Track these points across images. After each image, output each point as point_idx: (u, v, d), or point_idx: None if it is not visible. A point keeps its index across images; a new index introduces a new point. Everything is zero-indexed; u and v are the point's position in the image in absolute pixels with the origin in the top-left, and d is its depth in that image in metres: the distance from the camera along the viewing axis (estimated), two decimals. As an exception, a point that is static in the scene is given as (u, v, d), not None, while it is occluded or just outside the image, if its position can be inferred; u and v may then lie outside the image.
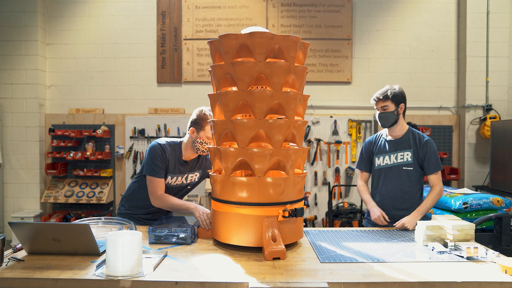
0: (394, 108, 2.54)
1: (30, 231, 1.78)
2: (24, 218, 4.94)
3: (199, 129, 2.34)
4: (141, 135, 5.22)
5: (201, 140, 2.34)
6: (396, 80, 5.29)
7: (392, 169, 2.58)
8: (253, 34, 1.89)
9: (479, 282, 1.54)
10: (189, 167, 2.47)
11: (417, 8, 5.29)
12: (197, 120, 2.34)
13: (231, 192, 1.92)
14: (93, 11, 5.31)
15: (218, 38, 1.97)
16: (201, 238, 2.13)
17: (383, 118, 2.55)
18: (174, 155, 2.38)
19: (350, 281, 1.53)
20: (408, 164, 2.55)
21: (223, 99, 1.96)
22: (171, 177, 2.40)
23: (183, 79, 5.29)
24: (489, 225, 2.71)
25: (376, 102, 2.57)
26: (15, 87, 5.16)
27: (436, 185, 2.50)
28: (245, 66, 1.91)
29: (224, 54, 1.97)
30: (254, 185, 1.88)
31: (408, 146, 2.56)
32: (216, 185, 2.01)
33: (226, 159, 1.94)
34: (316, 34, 5.26)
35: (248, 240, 1.89)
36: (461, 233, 2.00)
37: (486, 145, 5.08)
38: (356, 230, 2.34)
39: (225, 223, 1.94)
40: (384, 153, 2.61)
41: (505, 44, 5.11)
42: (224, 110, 1.97)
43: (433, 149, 2.52)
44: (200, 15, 5.28)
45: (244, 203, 1.89)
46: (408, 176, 2.54)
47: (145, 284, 1.53)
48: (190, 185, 2.55)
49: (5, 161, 5.20)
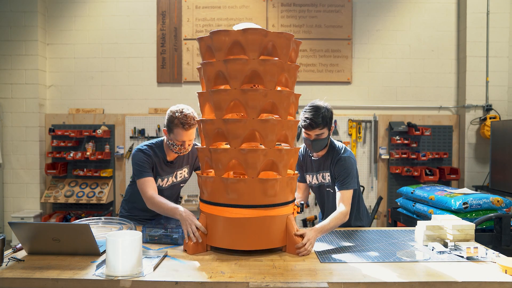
0: (328, 133, 2.28)
1: (30, 231, 1.78)
2: (24, 218, 4.93)
3: (169, 131, 2.24)
4: (141, 135, 5.22)
5: (172, 142, 2.25)
6: (396, 80, 5.29)
7: (320, 188, 2.47)
8: (246, 30, 1.83)
9: (479, 282, 1.54)
10: (176, 165, 2.41)
11: (417, 8, 5.29)
12: (167, 122, 2.24)
13: (223, 194, 1.86)
14: (93, 11, 5.30)
15: (209, 35, 1.90)
16: (191, 254, 1.86)
17: (317, 145, 2.27)
18: (158, 157, 2.33)
19: (350, 281, 1.53)
20: (329, 185, 2.39)
21: (214, 98, 1.89)
22: (161, 179, 2.36)
23: (183, 79, 5.29)
24: (489, 225, 2.71)
25: (310, 129, 2.21)
26: (15, 87, 5.16)
27: (344, 203, 2.20)
28: (239, 63, 1.83)
29: (215, 52, 1.90)
30: (248, 186, 1.82)
31: (327, 166, 2.36)
32: (207, 187, 1.94)
33: (218, 160, 1.88)
34: (316, 34, 5.26)
35: (235, 243, 1.85)
36: (461, 233, 2.00)
37: (486, 145, 5.08)
38: (356, 230, 2.34)
39: (215, 226, 1.89)
40: (312, 171, 2.46)
41: (505, 44, 5.11)
42: (215, 109, 1.91)
43: (344, 167, 2.26)
44: (200, 15, 5.28)
45: (235, 205, 1.84)
46: (333, 197, 2.36)
47: (145, 284, 1.53)
48: (182, 182, 2.51)
49: (5, 161, 5.20)
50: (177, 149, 2.26)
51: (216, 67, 1.90)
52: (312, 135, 2.24)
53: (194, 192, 5.18)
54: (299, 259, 1.82)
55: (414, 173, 5.01)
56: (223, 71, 1.88)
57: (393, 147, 5.19)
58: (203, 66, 1.96)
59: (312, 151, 2.34)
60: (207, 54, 1.98)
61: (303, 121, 2.23)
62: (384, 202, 5.21)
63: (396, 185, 5.13)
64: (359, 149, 5.21)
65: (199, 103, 2.06)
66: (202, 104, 2.04)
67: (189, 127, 2.19)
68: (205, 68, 1.95)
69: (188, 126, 2.18)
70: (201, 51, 2.01)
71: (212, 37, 1.89)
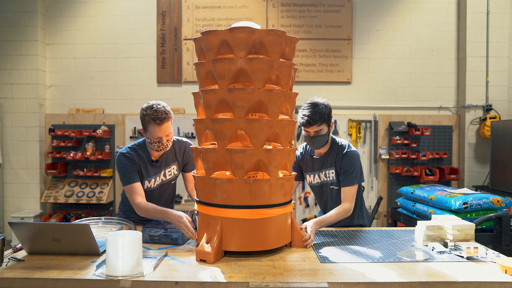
0: (327, 129, 2.27)
1: (30, 231, 1.78)
2: (24, 218, 4.94)
3: (145, 130, 2.21)
4: (141, 135, 5.22)
5: (150, 140, 2.21)
6: (396, 80, 5.29)
7: (322, 187, 2.45)
8: (233, 29, 1.81)
9: (479, 282, 1.54)
10: (162, 163, 2.36)
11: (417, 8, 5.29)
12: (141, 121, 2.22)
13: (211, 194, 1.85)
14: (93, 11, 5.30)
15: (201, 35, 1.89)
16: (212, 263, 1.75)
17: (317, 142, 2.27)
18: (142, 159, 2.29)
19: (350, 281, 1.53)
20: (333, 182, 2.38)
21: (204, 97, 1.89)
22: (148, 181, 2.32)
23: (183, 79, 5.29)
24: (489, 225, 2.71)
25: (308, 126, 2.23)
26: (15, 87, 5.16)
27: (345, 201, 2.25)
28: (225, 62, 1.82)
29: (206, 52, 1.90)
30: (234, 186, 1.80)
31: (331, 163, 2.35)
32: (197, 186, 1.95)
33: (207, 159, 1.87)
34: (316, 34, 5.26)
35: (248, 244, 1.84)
36: (461, 233, 2.00)
37: (486, 145, 5.08)
38: (356, 230, 2.34)
39: (231, 230, 1.85)
40: (313, 171, 2.45)
41: (505, 44, 5.11)
42: (206, 108, 1.90)
43: (350, 161, 2.27)
44: (200, 15, 5.28)
45: (224, 205, 1.83)
46: (337, 194, 2.36)
47: (145, 284, 1.53)
48: (173, 180, 2.45)
49: (5, 161, 5.20)
50: (156, 146, 2.21)
51: (206, 67, 1.91)
52: (311, 132, 2.24)
53: (194, 192, 5.19)
54: (299, 259, 1.82)
55: (414, 173, 5.01)
56: (212, 71, 1.88)
57: (393, 147, 5.19)
58: (196, 66, 1.98)
59: (313, 148, 2.34)
60: (201, 54, 1.98)
61: (301, 118, 2.24)
62: (384, 202, 5.21)
63: (396, 185, 5.13)
64: (359, 149, 5.20)
65: (194, 102, 2.06)
66: (196, 104, 2.04)
67: (161, 121, 2.13)
68: (197, 68, 1.98)
69: (159, 121, 2.12)
70: (196, 52, 2.01)
71: (202, 37, 1.89)
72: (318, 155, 2.42)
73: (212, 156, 1.85)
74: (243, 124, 1.81)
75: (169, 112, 2.19)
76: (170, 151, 2.38)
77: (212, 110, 1.88)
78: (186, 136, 5.20)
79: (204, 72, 1.94)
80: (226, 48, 1.87)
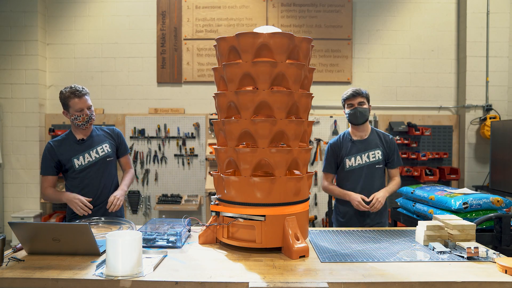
0: (368, 106, 2.66)
1: (30, 231, 1.78)
2: (24, 218, 4.94)
3: (67, 108, 2.48)
4: (141, 135, 5.22)
5: (74, 116, 2.46)
6: (396, 80, 5.29)
7: (364, 169, 2.68)
8: (239, 35, 1.88)
9: (479, 282, 1.54)
10: (91, 142, 2.58)
11: (417, 8, 5.29)
12: (62, 102, 2.48)
13: (222, 191, 2.00)
14: (93, 11, 5.31)
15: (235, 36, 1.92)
16: (201, 244, 2.04)
17: (361, 114, 2.62)
18: (66, 142, 2.54)
19: (350, 281, 1.53)
20: (379, 162, 2.69)
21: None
22: (77, 159, 2.53)
23: (183, 79, 5.29)
24: (489, 225, 2.71)
25: (352, 98, 2.63)
26: (15, 87, 5.16)
27: (397, 176, 2.77)
28: (232, 67, 1.92)
29: (242, 53, 1.93)
30: (240, 185, 1.90)
31: (376, 145, 2.69)
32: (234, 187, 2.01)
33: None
34: (316, 34, 5.26)
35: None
36: (462, 233, 2.00)
37: (486, 145, 5.08)
38: (356, 230, 2.34)
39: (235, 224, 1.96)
40: (355, 153, 2.69)
41: (505, 44, 5.11)
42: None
43: (396, 146, 2.75)
44: (200, 15, 5.28)
45: (234, 202, 1.93)
46: (379, 173, 2.70)
47: (145, 284, 1.53)
48: (108, 157, 2.62)
49: (5, 161, 5.20)
50: (80, 119, 2.47)
51: (243, 68, 1.91)
52: (356, 103, 2.61)
53: (194, 192, 5.18)
54: (299, 259, 1.81)
55: (414, 173, 5.01)
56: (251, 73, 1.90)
57: (393, 147, 5.19)
58: (227, 67, 1.94)
59: (357, 121, 2.63)
60: (231, 54, 1.98)
61: (345, 95, 2.66)
62: (384, 202, 5.21)
63: (396, 185, 5.12)
64: (359, 149, 5.20)
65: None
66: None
67: (80, 93, 2.46)
68: (229, 69, 1.94)
69: (79, 93, 2.45)
70: (222, 51, 1.99)
71: (238, 38, 1.90)
72: (360, 138, 2.70)
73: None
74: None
75: (85, 89, 2.52)
76: (101, 132, 2.66)
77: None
78: (186, 136, 5.20)
79: (218, 76, 2.05)
80: (234, 54, 1.97)
